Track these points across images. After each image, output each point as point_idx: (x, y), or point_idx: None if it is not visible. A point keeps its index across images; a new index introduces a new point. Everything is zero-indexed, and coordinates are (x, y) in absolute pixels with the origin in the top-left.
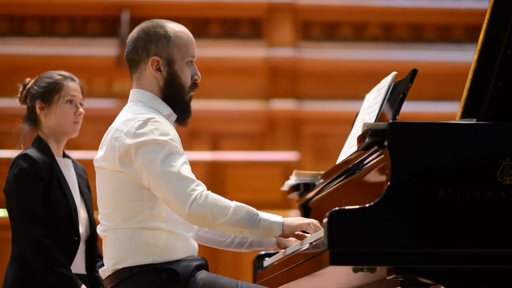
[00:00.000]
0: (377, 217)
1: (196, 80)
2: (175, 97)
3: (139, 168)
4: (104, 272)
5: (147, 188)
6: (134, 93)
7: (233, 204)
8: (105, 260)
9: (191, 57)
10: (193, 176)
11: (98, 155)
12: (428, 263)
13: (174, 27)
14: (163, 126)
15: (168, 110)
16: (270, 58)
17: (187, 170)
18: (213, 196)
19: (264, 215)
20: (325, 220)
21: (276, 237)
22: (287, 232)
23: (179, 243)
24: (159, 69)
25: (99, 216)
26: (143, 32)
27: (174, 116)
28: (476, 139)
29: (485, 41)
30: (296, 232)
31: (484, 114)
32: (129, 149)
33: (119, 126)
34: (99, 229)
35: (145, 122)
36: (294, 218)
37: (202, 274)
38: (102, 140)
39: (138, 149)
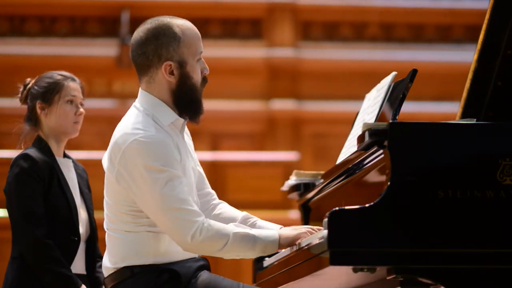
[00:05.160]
0: (377, 217)
1: (205, 74)
2: (188, 98)
3: (135, 191)
4: (105, 269)
5: None
6: (141, 95)
7: (231, 232)
8: (107, 255)
9: (200, 54)
10: (191, 204)
11: (104, 157)
12: (428, 263)
13: (181, 25)
14: (159, 150)
15: (171, 117)
16: (270, 58)
17: (184, 199)
18: (212, 226)
19: (260, 235)
20: (325, 220)
21: None
22: (285, 245)
23: None
24: (171, 73)
25: (104, 212)
26: (152, 36)
27: (181, 121)
28: (476, 139)
29: (485, 41)
30: None
31: (484, 114)
32: (124, 171)
33: (118, 140)
34: (104, 224)
35: (142, 143)
36: (290, 230)
37: (203, 275)
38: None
39: (134, 175)
